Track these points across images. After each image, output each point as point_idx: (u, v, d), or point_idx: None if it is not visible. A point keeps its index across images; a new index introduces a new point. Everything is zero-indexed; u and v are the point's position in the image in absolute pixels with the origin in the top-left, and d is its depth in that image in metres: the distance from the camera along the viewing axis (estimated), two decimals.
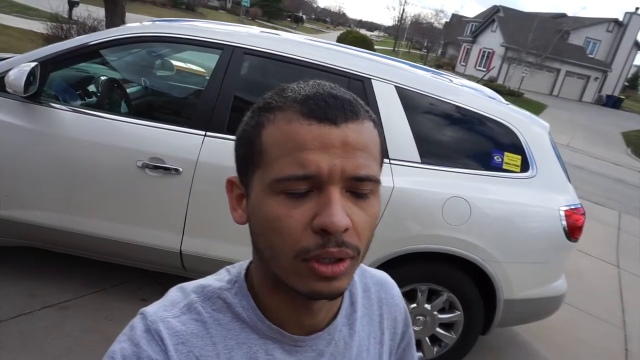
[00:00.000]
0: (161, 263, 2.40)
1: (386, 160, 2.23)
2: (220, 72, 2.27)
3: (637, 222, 7.09)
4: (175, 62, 3.55)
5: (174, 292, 0.60)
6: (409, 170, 2.24)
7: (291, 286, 0.52)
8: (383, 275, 0.76)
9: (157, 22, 2.57)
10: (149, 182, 2.18)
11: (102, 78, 2.75)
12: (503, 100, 2.67)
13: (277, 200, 0.49)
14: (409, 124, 2.27)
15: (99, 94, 2.67)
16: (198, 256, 2.28)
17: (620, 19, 36.58)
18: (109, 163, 2.19)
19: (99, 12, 8.78)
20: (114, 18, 7.66)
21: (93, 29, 8.24)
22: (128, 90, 2.86)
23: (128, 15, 8.53)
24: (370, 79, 2.30)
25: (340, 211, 0.48)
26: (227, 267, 0.64)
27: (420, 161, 2.25)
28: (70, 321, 2.28)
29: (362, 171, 0.50)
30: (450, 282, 2.34)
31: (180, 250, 2.27)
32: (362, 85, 2.28)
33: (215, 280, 0.61)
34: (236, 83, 2.28)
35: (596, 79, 36.31)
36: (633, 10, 35.98)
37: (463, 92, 2.43)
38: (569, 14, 40.49)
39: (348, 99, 0.52)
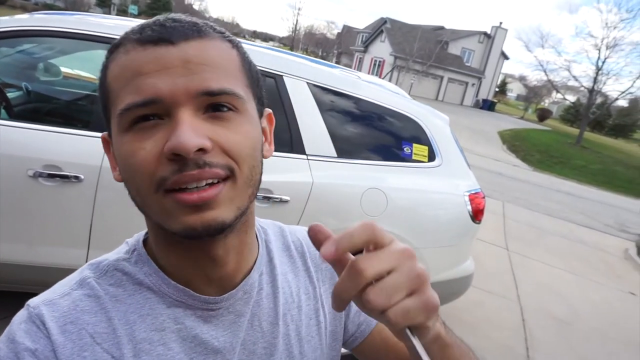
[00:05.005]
0: None
1: (304, 156, 2.23)
2: None
3: (517, 209, 7.95)
4: (63, 69, 3.22)
5: (68, 275, 0.54)
6: (327, 165, 2.26)
7: (168, 228, 0.47)
8: (303, 229, 0.71)
9: (37, 15, 2.30)
10: (45, 193, 1.94)
11: None
12: (407, 95, 2.83)
13: (129, 137, 0.47)
14: (322, 119, 2.30)
15: None
16: None
17: (489, 32, 41.04)
18: None
19: None
20: None
21: None
22: (8, 95, 2.52)
23: None
24: (282, 75, 2.29)
25: (189, 130, 0.44)
26: (127, 239, 0.59)
27: (336, 155, 2.29)
28: None
29: (213, 84, 0.47)
30: None
31: None
32: (274, 82, 2.26)
33: (113, 254, 0.56)
34: None
35: (473, 84, 40.31)
36: (498, 24, 40.63)
37: (371, 87, 2.53)
38: (447, 26, 44.55)
39: (194, 22, 0.50)
